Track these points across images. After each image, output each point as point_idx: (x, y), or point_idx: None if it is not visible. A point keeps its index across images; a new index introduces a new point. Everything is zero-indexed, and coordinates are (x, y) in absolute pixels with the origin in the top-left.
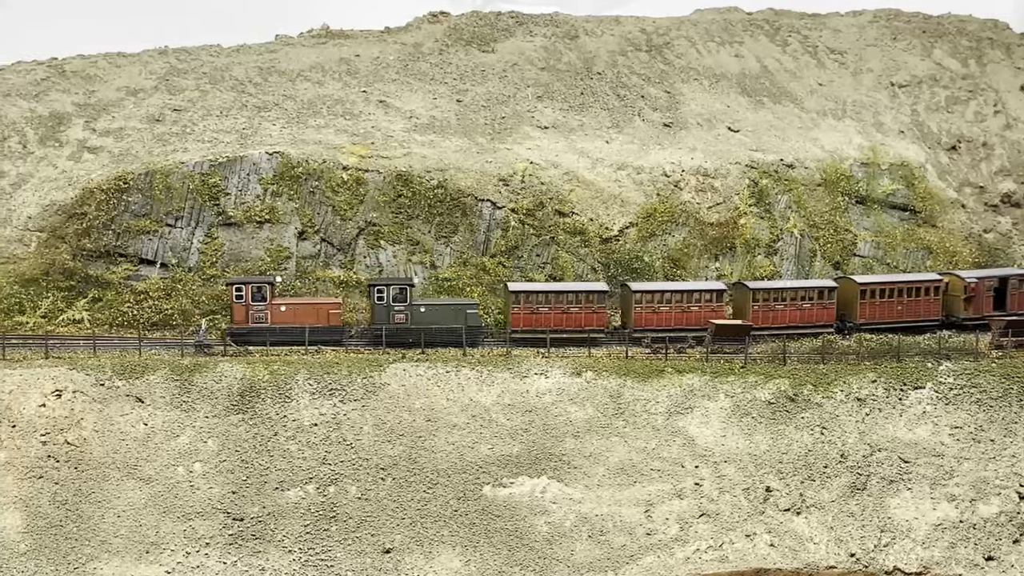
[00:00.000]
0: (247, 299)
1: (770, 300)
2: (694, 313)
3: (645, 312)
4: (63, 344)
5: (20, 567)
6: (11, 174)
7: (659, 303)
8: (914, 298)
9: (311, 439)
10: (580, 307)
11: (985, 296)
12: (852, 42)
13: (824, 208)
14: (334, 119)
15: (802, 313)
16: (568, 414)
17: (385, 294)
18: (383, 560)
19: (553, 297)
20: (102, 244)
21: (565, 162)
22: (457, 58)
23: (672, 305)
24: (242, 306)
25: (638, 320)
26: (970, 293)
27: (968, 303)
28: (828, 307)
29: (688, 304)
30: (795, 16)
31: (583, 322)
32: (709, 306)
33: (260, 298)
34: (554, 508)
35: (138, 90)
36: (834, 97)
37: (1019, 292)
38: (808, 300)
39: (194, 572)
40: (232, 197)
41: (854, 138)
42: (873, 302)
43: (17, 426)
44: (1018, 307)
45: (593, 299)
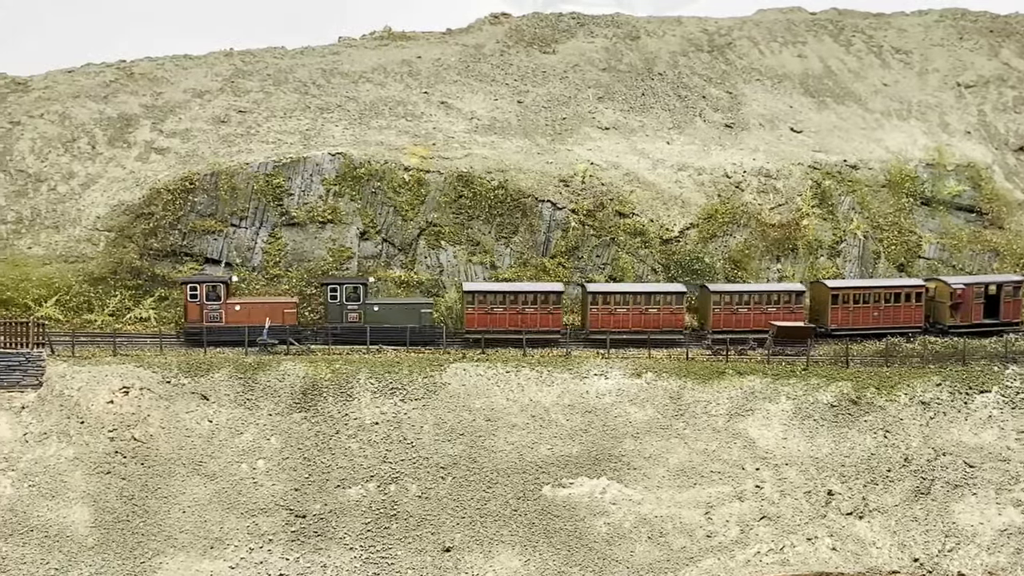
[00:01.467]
0: (201, 298)
1: (732, 304)
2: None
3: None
4: (131, 342)
5: (88, 561)
6: (80, 175)
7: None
8: (893, 304)
9: (372, 437)
10: (535, 308)
11: (974, 303)
12: (917, 42)
13: (888, 209)
14: (396, 120)
15: (768, 317)
16: (628, 415)
17: (339, 293)
18: (443, 559)
19: (508, 297)
20: (168, 244)
21: (626, 163)
22: (518, 59)
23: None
24: (196, 305)
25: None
26: (956, 300)
27: (955, 310)
28: (797, 312)
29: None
30: (859, 16)
31: (538, 322)
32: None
33: (215, 297)
34: (613, 509)
35: (204, 92)
36: (899, 97)
37: (1013, 300)
38: (774, 304)
39: (257, 568)
40: (295, 197)
41: (919, 139)
42: (846, 307)
43: (86, 422)
44: (1012, 315)
45: (549, 300)
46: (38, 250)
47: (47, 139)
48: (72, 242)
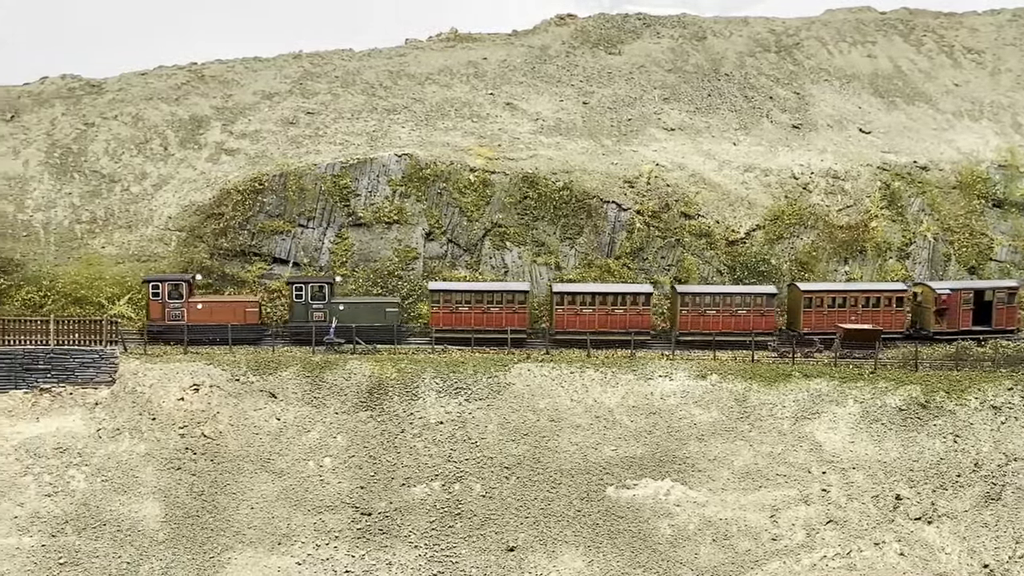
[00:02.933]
0: (163, 296)
1: (700, 306)
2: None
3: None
4: (200, 339)
5: (159, 555)
6: (153, 175)
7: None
8: (871, 308)
9: (437, 437)
10: (500, 307)
11: (962, 309)
12: (990, 41)
13: (959, 211)
14: (461, 121)
15: (737, 320)
16: (692, 417)
17: (304, 292)
18: (507, 558)
19: (474, 296)
20: (238, 243)
21: (691, 164)
22: (584, 60)
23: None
24: (159, 303)
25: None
26: (941, 305)
27: (940, 316)
28: (767, 315)
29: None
30: (930, 15)
31: (503, 322)
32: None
33: (177, 296)
34: (678, 511)
35: (273, 94)
36: (971, 98)
37: (1007, 307)
38: (744, 307)
39: (323, 564)
40: (362, 198)
41: (991, 140)
42: (820, 311)
43: (157, 419)
44: (1006, 323)
45: (515, 299)
46: (111, 249)
47: (120, 140)
48: (144, 242)
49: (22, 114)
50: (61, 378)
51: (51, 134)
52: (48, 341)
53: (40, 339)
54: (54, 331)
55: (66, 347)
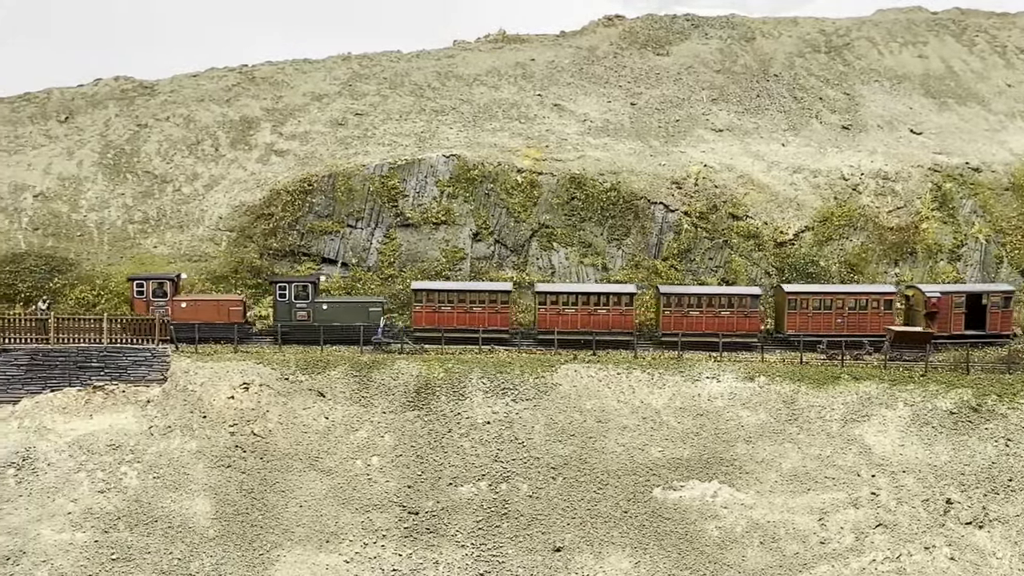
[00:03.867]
0: (148, 295)
1: (683, 306)
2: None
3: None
4: (250, 338)
5: (209, 552)
6: (204, 176)
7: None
8: (859, 311)
9: (484, 437)
10: (483, 307)
11: (953, 313)
12: None
13: (1012, 213)
14: (509, 122)
15: (720, 321)
16: (740, 419)
17: (287, 292)
18: (553, 558)
19: (456, 296)
20: (287, 244)
21: (739, 165)
22: (631, 61)
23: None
24: (143, 301)
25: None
26: (931, 308)
27: (931, 319)
28: (752, 316)
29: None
30: (983, 15)
31: (486, 321)
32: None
33: (161, 294)
34: (725, 513)
35: (322, 95)
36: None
37: (1002, 311)
38: (728, 308)
39: (371, 563)
40: (410, 199)
41: None
42: (804, 313)
43: (208, 417)
44: (1001, 327)
45: (497, 299)
46: (163, 249)
47: (172, 141)
48: (195, 241)
49: (76, 115)
50: (114, 376)
51: (105, 135)
52: (101, 339)
53: (94, 337)
54: (107, 330)
55: (119, 345)
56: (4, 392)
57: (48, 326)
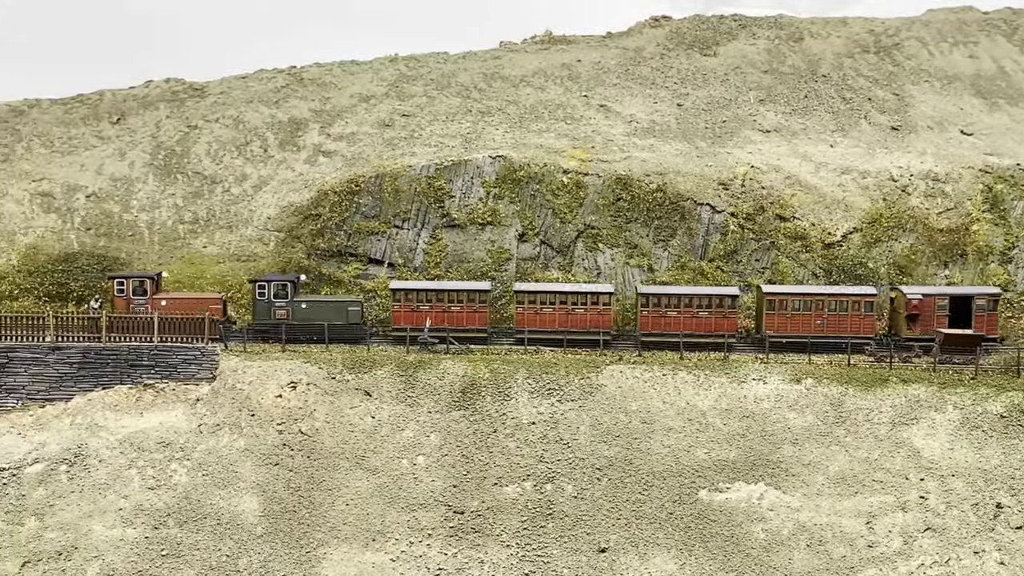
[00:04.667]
0: (128, 293)
1: (661, 306)
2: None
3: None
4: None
5: (257, 549)
6: (253, 177)
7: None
8: (839, 312)
9: (529, 437)
10: (461, 306)
11: (936, 315)
12: None
13: None
14: (555, 123)
15: (698, 321)
16: (786, 421)
17: (266, 290)
18: (598, 559)
19: (435, 295)
20: (334, 244)
21: (787, 166)
22: (678, 62)
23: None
24: (123, 300)
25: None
26: (912, 311)
27: (912, 321)
28: (730, 317)
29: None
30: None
31: (464, 320)
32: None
33: (141, 292)
34: (771, 515)
35: (369, 96)
36: None
37: (988, 314)
38: (706, 308)
39: (417, 561)
40: (456, 199)
41: None
42: (783, 314)
43: (256, 415)
44: (987, 330)
45: (476, 298)
46: (213, 249)
47: (222, 142)
48: (244, 241)
49: (128, 117)
50: (164, 374)
51: (156, 136)
52: (152, 338)
53: (144, 336)
54: (157, 328)
55: (169, 344)
56: (57, 389)
57: (100, 325)
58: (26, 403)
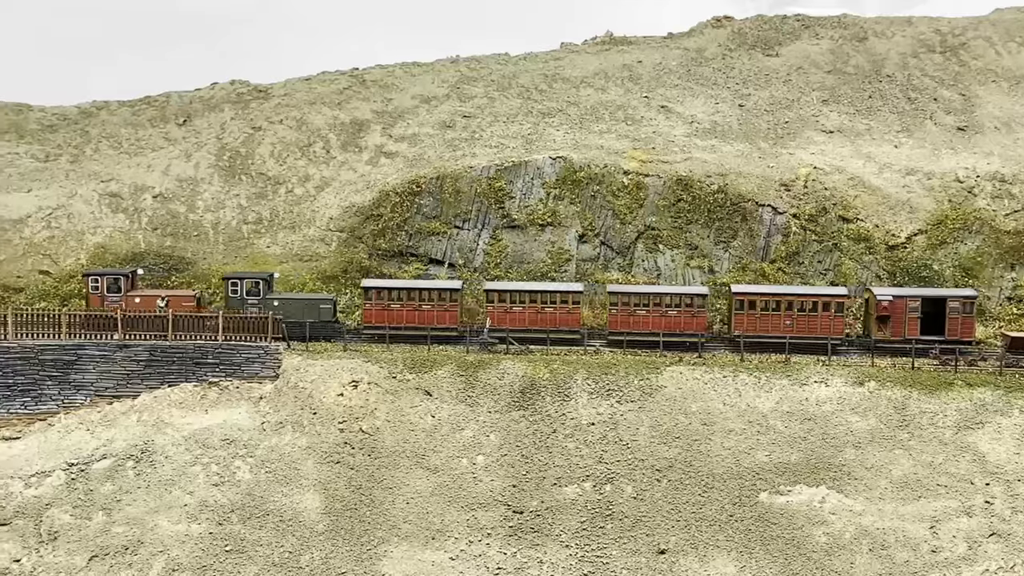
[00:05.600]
0: (102, 290)
1: (630, 305)
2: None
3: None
4: (359, 337)
5: (319, 545)
6: (315, 178)
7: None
8: (809, 313)
9: (588, 438)
10: (432, 305)
11: (908, 317)
12: None
13: None
14: (616, 124)
15: (667, 320)
16: (849, 424)
17: (239, 287)
18: (658, 561)
19: (406, 294)
20: (396, 244)
21: (850, 167)
22: (740, 62)
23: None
24: (97, 297)
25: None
26: (882, 312)
27: (883, 323)
28: (699, 316)
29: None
30: None
31: (435, 320)
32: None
33: (116, 290)
34: (833, 519)
35: (431, 98)
36: None
37: (962, 316)
38: (675, 308)
39: (476, 560)
40: (516, 200)
41: None
42: (753, 314)
43: (318, 413)
44: (962, 333)
45: (446, 297)
46: (276, 249)
47: (286, 144)
48: (307, 242)
49: (194, 118)
50: (228, 372)
51: (221, 138)
52: (217, 337)
53: (209, 335)
54: (222, 327)
55: (233, 343)
56: (125, 386)
57: (166, 323)
58: (95, 400)
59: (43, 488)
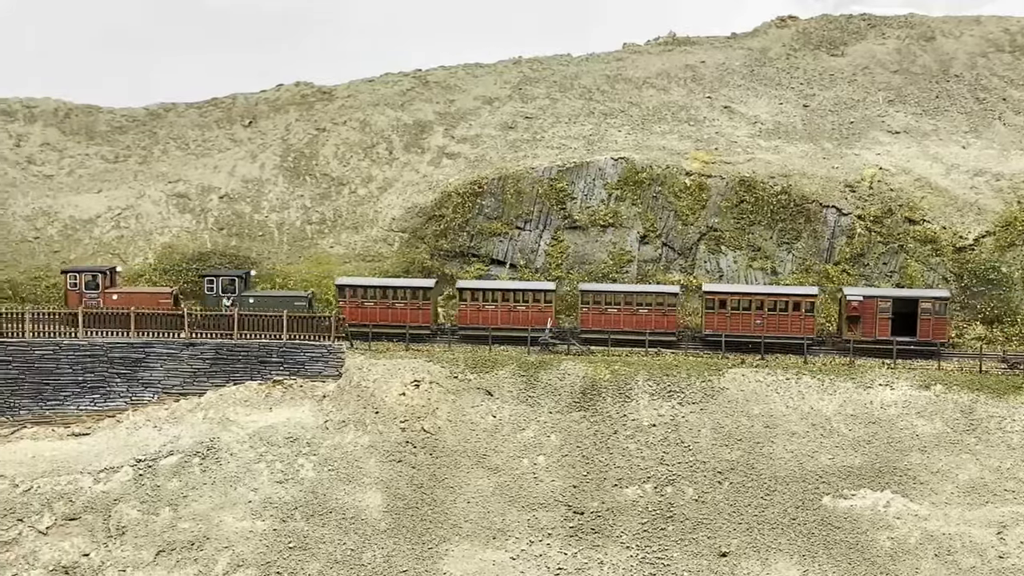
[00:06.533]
0: (80, 287)
1: (601, 304)
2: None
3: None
4: (420, 337)
5: (381, 544)
6: (378, 178)
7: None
8: (779, 312)
9: (649, 439)
10: (405, 303)
11: (879, 318)
12: None
13: None
14: (678, 125)
15: (638, 319)
16: (914, 427)
17: (215, 284)
18: (719, 563)
19: (379, 292)
20: (457, 245)
21: (917, 168)
22: (804, 62)
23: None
24: (76, 293)
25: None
26: (851, 312)
27: (853, 323)
28: (669, 314)
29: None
30: None
31: (408, 318)
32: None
33: (94, 286)
34: (898, 524)
35: (493, 99)
36: None
37: (935, 317)
38: (646, 306)
39: (537, 560)
40: (578, 201)
41: None
42: (723, 313)
43: (380, 412)
44: (935, 334)
45: (418, 295)
46: (339, 249)
47: (349, 145)
48: (369, 242)
49: (259, 120)
50: (292, 371)
51: (285, 139)
52: (281, 336)
53: (274, 334)
54: (286, 326)
55: (297, 342)
56: (191, 384)
57: (232, 322)
58: (162, 397)
59: (112, 484)
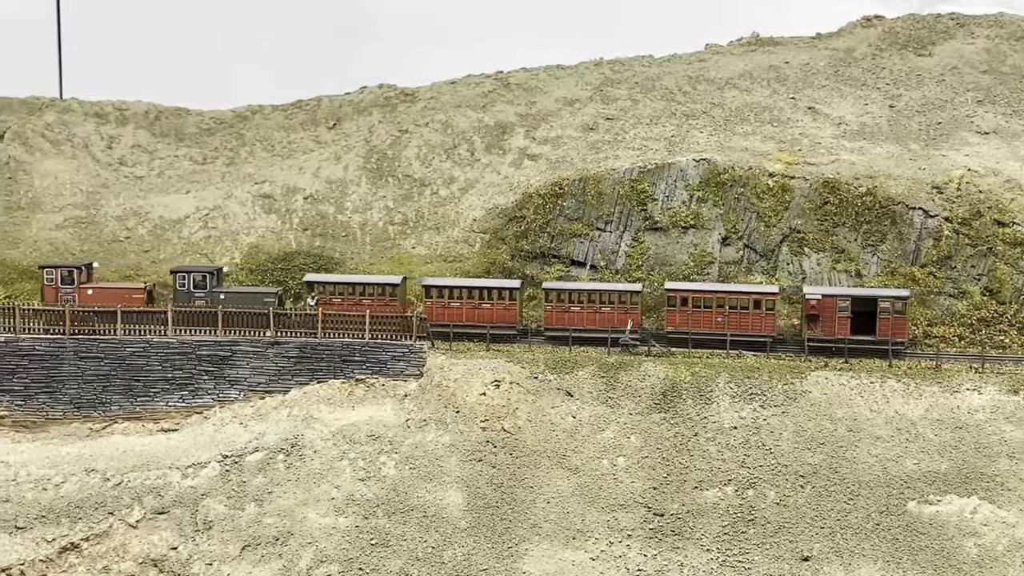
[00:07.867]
0: (57, 282)
1: (564, 302)
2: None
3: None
4: (502, 338)
5: (461, 542)
6: (460, 179)
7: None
8: (740, 311)
9: (730, 442)
10: (373, 300)
11: (838, 317)
12: None
13: None
14: (761, 126)
15: (600, 317)
16: (1003, 433)
17: (187, 280)
18: (801, 567)
19: (347, 288)
20: (538, 246)
21: (1007, 169)
22: (891, 63)
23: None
24: (52, 289)
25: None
26: (810, 311)
27: (813, 322)
28: (631, 312)
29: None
30: None
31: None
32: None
33: (69, 282)
34: (985, 531)
35: (574, 100)
36: None
37: (894, 316)
38: (608, 304)
39: (616, 561)
40: (659, 202)
41: None
42: (684, 311)
43: (461, 412)
44: (894, 333)
45: (386, 292)
46: (421, 249)
47: (431, 146)
48: (450, 243)
49: (343, 122)
50: (374, 370)
51: (369, 140)
52: (363, 335)
53: (357, 333)
54: (369, 326)
55: (379, 341)
56: (276, 382)
57: (316, 321)
58: (247, 394)
59: (199, 479)
